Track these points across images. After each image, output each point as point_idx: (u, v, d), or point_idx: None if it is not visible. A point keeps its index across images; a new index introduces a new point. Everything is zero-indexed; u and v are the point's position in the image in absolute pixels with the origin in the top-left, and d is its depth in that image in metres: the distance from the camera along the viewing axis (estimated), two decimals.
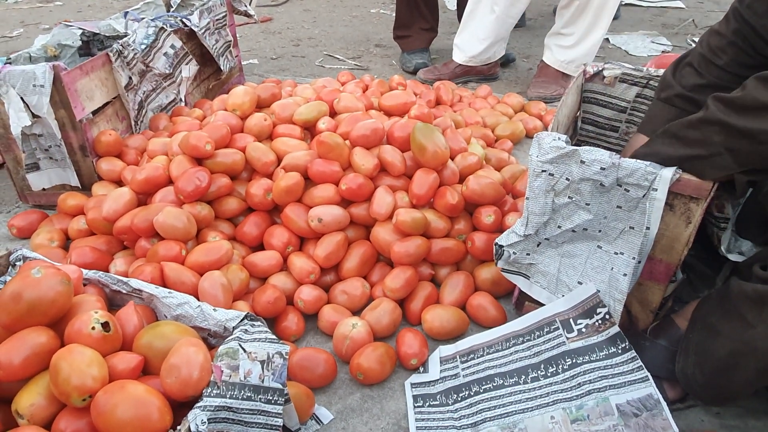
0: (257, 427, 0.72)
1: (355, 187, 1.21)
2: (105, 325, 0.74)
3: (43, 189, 1.48)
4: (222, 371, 0.71)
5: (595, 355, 0.90)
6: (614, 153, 0.91)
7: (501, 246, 1.02)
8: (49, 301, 0.73)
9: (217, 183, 1.25)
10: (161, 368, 0.70)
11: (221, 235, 1.22)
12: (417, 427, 0.91)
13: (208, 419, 0.67)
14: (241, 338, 0.75)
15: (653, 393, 0.82)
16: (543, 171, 0.95)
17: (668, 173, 0.87)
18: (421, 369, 1.03)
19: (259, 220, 1.26)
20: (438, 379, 0.99)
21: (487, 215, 1.20)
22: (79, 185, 1.45)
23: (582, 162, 0.92)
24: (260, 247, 1.25)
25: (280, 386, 0.75)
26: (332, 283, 1.19)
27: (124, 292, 0.87)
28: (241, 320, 0.79)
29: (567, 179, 0.94)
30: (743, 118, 0.78)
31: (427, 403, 0.95)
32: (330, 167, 1.24)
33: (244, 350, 0.74)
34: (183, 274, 1.07)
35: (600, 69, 1.29)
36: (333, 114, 1.49)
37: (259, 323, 0.79)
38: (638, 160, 0.89)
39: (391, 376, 1.02)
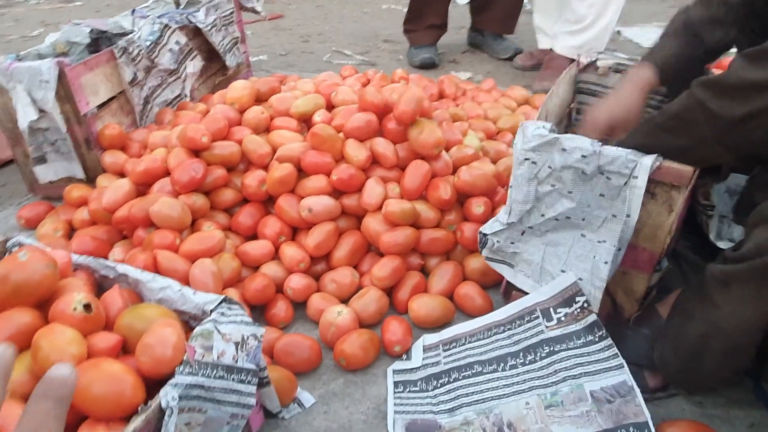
0: (230, 406, 0.74)
1: (346, 177, 1.22)
2: (87, 307, 0.77)
3: (51, 182, 1.54)
4: (195, 351, 0.73)
5: (572, 343, 0.90)
6: (596, 141, 0.91)
7: (485, 234, 1.03)
8: (35, 284, 0.77)
9: (214, 174, 1.28)
10: (137, 347, 0.73)
11: (217, 225, 1.25)
12: (395, 411, 0.92)
13: (179, 396, 0.69)
14: (216, 320, 0.77)
15: (627, 380, 0.82)
16: (526, 159, 0.95)
17: (648, 161, 0.86)
18: (405, 356, 1.04)
19: (254, 210, 1.29)
20: (419, 367, 1.00)
21: (477, 206, 1.21)
22: (84, 177, 1.50)
23: (563, 150, 0.92)
24: (255, 237, 1.28)
25: (253, 367, 0.77)
26: (323, 272, 1.21)
27: (111, 277, 0.90)
28: (219, 303, 0.81)
29: (549, 167, 0.94)
30: (730, 103, 0.75)
31: (407, 389, 0.96)
32: (322, 158, 1.26)
33: (219, 331, 0.76)
34: (176, 261, 1.10)
35: (594, 59, 1.28)
36: (331, 107, 1.50)
37: (236, 307, 0.81)
38: (619, 148, 0.88)
39: (375, 363, 1.03)
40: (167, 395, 0.68)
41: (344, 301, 1.14)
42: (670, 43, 1.03)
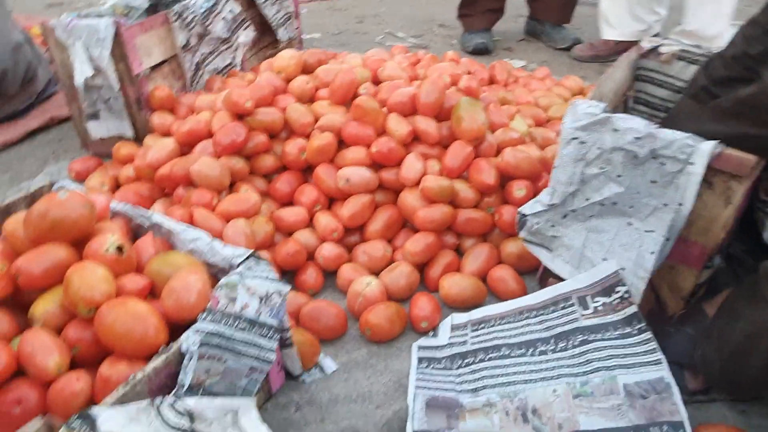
0: (250, 359, 0.74)
1: (386, 150, 1.20)
2: (119, 249, 0.78)
3: (101, 139, 1.58)
4: (218, 300, 0.73)
5: (608, 334, 0.85)
6: (650, 123, 0.86)
7: (524, 215, 0.99)
8: (71, 222, 0.78)
9: (255, 140, 1.29)
10: (162, 291, 0.73)
11: (255, 189, 1.25)
12: (417, 386, 0.90)
13: (200, 342, 0.69)
14: (242, 273, 0.77)
15: (665, 377, 0.77)
16: (574, 138, 0.90)
17: (708, 146, 0.80)
18: (431, 333, 1.01)
19: (292, 178, 1.29)
20: (446, 345, 0.97)
21: (519, 189, 1.16)
22: (133, 136, 1.54)
23: (615, 130, 0.87)
24: (291, 204, 1.28)
25: (275, 323, 0.76)
26: (355, 244, 1.20)
27: (145, 225, 0.91)
28: (247, 258, 0.81)
29: (598, 148, 0.89)
30: None
31: (431, 366, 0.94)
32: (364, 130, 1.24)
33: (244, 284, 0.76)
34: (211, 220, 1.11)
35: (657, 44, 1.21)
36: (377, 82, 1.48)
37: (263, 263, 0.81)
38: (676, 131, 0.83)
39: (400, 337, 1.02)
40: (188, 340, 0.68)
41: (375, 273, 1.13)
42: (686, 109, 0.97)
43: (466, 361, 0.93)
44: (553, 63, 2.28)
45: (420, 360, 0.96)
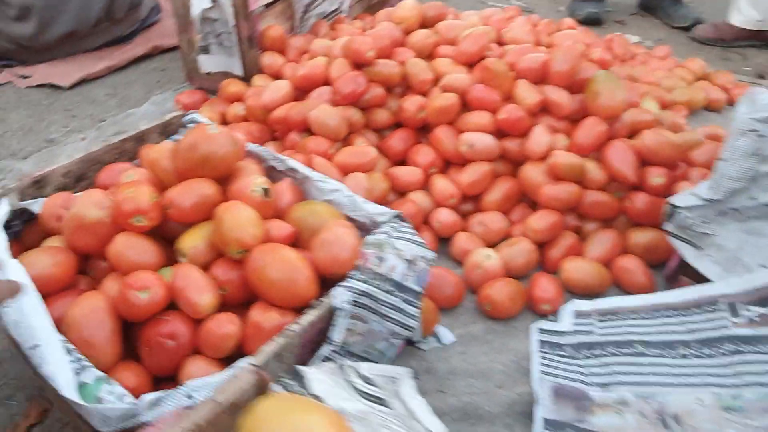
0: (392, 323, 0.71)
1: (513, 119, 1.13)
2: (266, 191, 0.76)
3: (208, 73, 1.56)
4: (369, 258, 0.70)
5: (765, 348, 0.78)
6: None
7: (675, 207, 0.91)
8: (220, 157, 0.76)
9: (372, 92, 1.23)
10: (313, 242, 0.71)
11: (368, 143, 1.21)
12: (541, 370, 0.86)
13: (352, 300, 0.66)
14: (390, 233, 0.74)
15: None
16: (752, 130, 0.81)
17: None
18: (551, 317, 0.97)
19: (407, 136, 1.24)
20: (569, 332, 0.92)
21: (656, 176, 1.08)
22: (241, 74, 1.51)
23: None
24: (402, 163, 1.24)
25: (419, 289, 0.73)
26: (468, 212, 1.15)
27: (279, 169, 0.89)
28: (392, 218, 0.77)
29: None
30: None
31: (554, 352, 0.90)
32: (490, 95, 1.17)
33: (392, 245, 0.72)
34: (330, 170, 1.08)
35: None
36: (500, 44, 1.40)
37: (407, 225, 0.77)
38: None
39: (517, 316, 0.97)
40: (341, 296, 0.66)
41: (490, 246, 1.08)
42: None
43: (593, 352, 0.88)
44: (669, 42, 2.11)
45: (541, 343, 0.91)
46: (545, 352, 0.90)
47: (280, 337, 0.61)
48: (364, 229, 0.80)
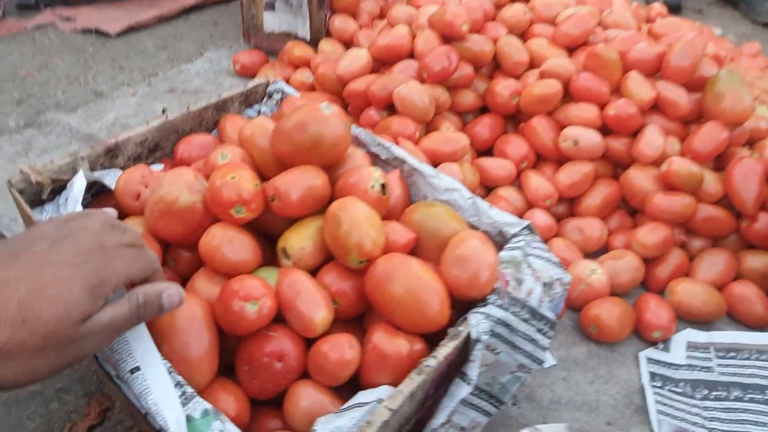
0: (522, 355, 0.61)
1: (625, 116, 1.01)
2: (383, 188, 0.65)
3: (268, 33, 1.43)
4: (508, 281, 0.59)
5: None
6: None
7: None
8: (332, 142, 0.65)
9: (461, 71, 1.11)
10: (443, 256, 0.60)
11: (453, 127, 1.09)
12: (657, 409, 0.77)
13: (489, 330, 0.56)
14: (524, 250, 0.63)
15: None
16: None
17: None
18: (660, 345, 0.87)
19: (495, 123, 1.12)
20: (683, 365, 0.83)
21: None
22: (307, 37, 1.38)
23: None
24: (487, 152, 1.12)
25: (554, 318, 0.63)
26: (562, 215, 1.04)
27: (383, 157, 0.77)
28: (522, 229, 0.66)
29: None
30: None
31: (667, 387, 0.80)
32: (599, 85, 1.05)
33: (529, 264, 0.62)
34: (419, 155, 0.96)
35: None
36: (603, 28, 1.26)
37: (538, 240, 0.66)
38: None
39: (623, 341, 0.88)
40: (479, 325, 0.56)
41: (586, 255, 0.97)
42: None
43: (714, 393, 0.79)
44: (753, 38, 1.95)
45: (652, 376, 0.82)
46: (658, 387, 0.80)
47: (417, 374, 0.51)
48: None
